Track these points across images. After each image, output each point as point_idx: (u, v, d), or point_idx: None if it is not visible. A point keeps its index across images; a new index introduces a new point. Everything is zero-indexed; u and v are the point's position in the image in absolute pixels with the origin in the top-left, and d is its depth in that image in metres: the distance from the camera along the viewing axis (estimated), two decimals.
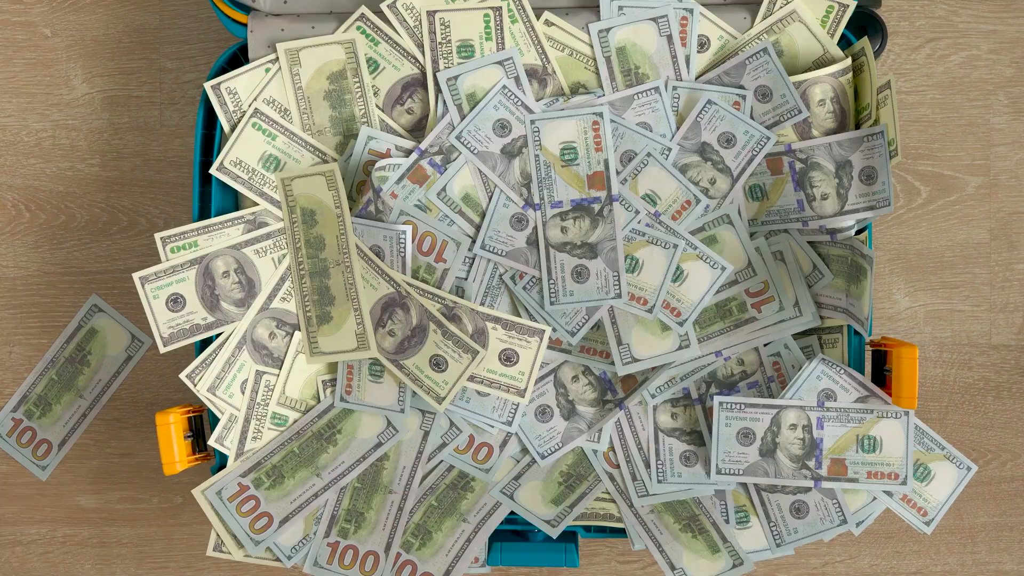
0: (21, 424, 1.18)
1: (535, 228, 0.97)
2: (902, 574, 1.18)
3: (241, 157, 0.97)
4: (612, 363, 0.98)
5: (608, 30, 0.98)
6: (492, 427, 0.98)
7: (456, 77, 0.97)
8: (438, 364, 0.94)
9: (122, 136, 1.18)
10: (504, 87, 0.97)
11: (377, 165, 0.95)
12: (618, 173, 0.97)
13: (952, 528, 1.17)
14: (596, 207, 0.96)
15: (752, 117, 0.97)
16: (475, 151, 0.97)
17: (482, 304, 0.98)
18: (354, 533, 0.97)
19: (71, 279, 1.18)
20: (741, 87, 0.97)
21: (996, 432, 1.17)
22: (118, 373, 1.18)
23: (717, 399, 0.94)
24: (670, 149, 0.97)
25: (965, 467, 0.96)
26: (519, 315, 0.98)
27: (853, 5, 0.97)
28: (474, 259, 0.98)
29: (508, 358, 0.96)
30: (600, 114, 0.96)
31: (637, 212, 0.96)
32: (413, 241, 0.96)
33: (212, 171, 0.97)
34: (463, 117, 0.97)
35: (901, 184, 1.16)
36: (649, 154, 0.96)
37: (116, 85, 1.18)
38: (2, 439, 1.18)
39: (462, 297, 0.96)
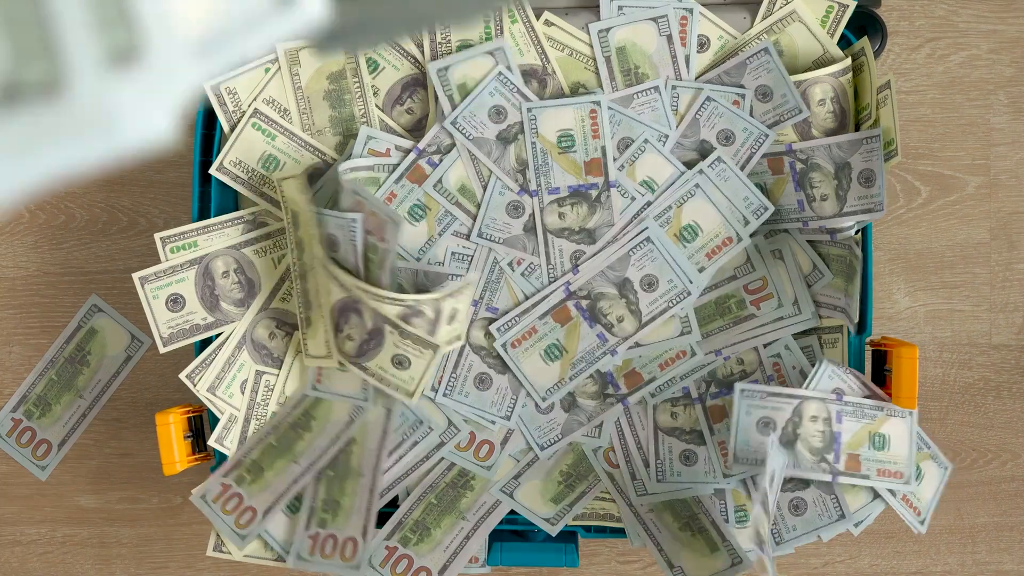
0: (21, 424, 1.18)
1: (531, 215, 0.97)
2: (902, 574, 1.18)
3: (241, 157, 0.97)
4: (622, 341, 0.97)
5: (608, 30, 0.98)
6: (493, 423, 0.98)
7: (447, 68, 0.97)
8: (400, 363, 0.94)
9: None
10: (500, 73, 0.96)
11: (344, 166, 0.95)
12: (615, 160, 0.97)
13: (952, 528, 1.17)
14: (593, 193, 0.96)
15: (752, 116, 0.97)
16: (470, 137, 0.97)
17: (481, 297, 0.98)
18: (332, 522, 0.97)
19: (71, 279, 1.18)
20: (741, 87, 0.97)
21: (996, 432, 1.17)
22: (118, 373, 1.18)
23: (739, 386, 0.93)
24: (667, 136, 0.97)
25: (944, 466, 0.97)
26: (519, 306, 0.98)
27: (853, 5, 0.97)
28: (474, 249, 0.98)
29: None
30: (598, 102, 0.96)
31: (634, 198, 0.96)
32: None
33: (212, 171, 0.97)
34: (454, 108, 0.97)
35: (901, 184, 1.16)
36: (646, 140, 0.96)
37: None
38: (2, 439, 1.18)
39: (423, 287, 0.96)
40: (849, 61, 0.96)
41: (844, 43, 0.99)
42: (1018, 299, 1.16)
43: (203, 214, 1.00)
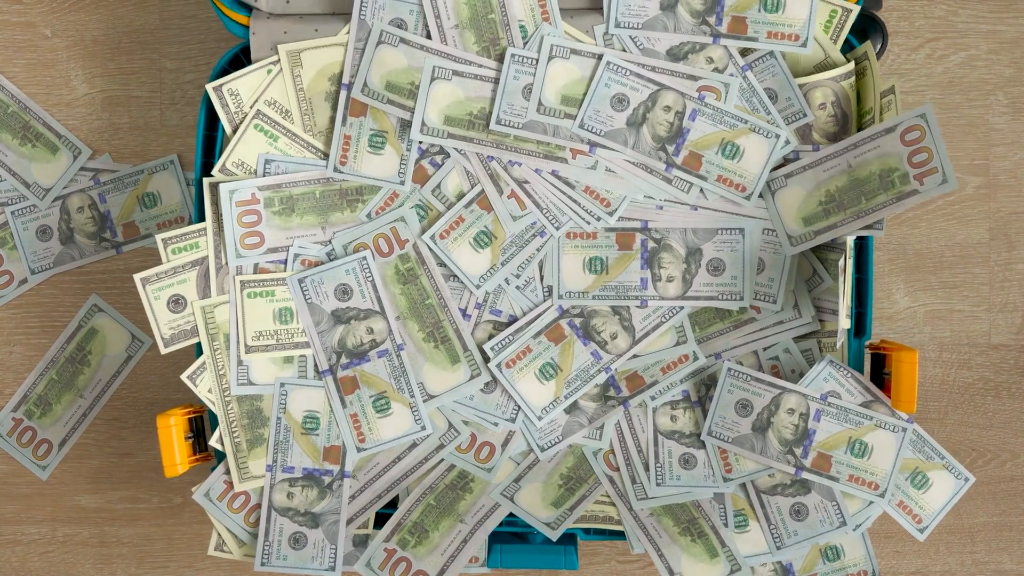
0: (21, 424, 1.18)
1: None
2: (902, 574, 1.18)
3: (243, 159, 0.97)
4: (616, 358, 0.98)
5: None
6: (496, 425, 0.98)
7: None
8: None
9: (122, 136, 1.18)
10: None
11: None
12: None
13: (951, 528, 1.17)
14: None
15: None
16: (460, 150, 0.97)
17: (484, 300, 0.98)
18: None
19: (71, 279, 1.18)
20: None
21: (995, 432, 1.17)
22: (118, 373, 1.18)
23: (727, 364, 0.95)
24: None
25: (963, 478, 0.97)
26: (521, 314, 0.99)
27: (857, 10, 0.97)
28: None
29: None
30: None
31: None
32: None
33: (214, 172, 0.97)
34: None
35: None
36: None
37: (116, 85, 1.18)
38: (2, 439, 1.18)
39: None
40: (851, 65, 0.96)
41: (846, 47, 0.99)
42: (1017, 299, 1.16)
43: (204, 215, 1.00)
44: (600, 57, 0.95)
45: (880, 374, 0.96)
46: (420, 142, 0.96)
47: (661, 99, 0.95)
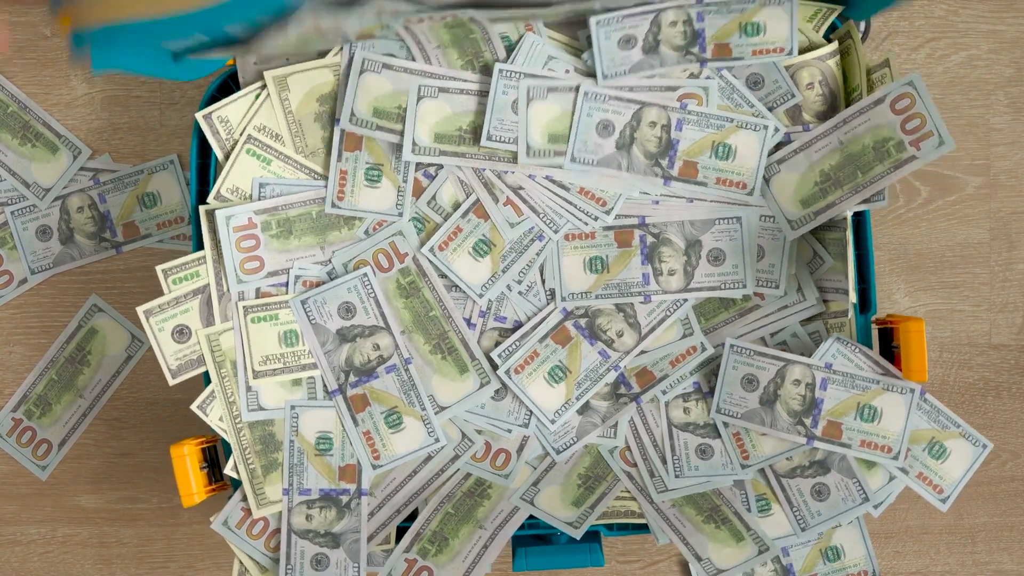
0: (21, 424, 1.18)
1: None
2: (902, 574, 1.18)
3: (237, 184, 0.97)
4: (624, 356, 0.98)
5: None
6: (509, 431, 0.98)
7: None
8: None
9: (122, 136, 1.18)
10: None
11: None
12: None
13: (952, 528, 1.17)
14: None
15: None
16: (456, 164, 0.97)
17: (488, 308, 0.98)
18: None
19: (71, 279, 1.18)
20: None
21: (996, 432, 1.17)
22: (118, 373, 1.18)
23: (729, 340, 0.95)
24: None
25: (981, 445, 0.96)
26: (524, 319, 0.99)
27: (839, 8, 0.97)
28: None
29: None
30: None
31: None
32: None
33: (209, 199, 0.97)
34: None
35: (901, 184, 1.16)
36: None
37: (116, 85, 1.18)
38: (2, 439, 1.18)
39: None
40: (835, 45, 0.96)
41: (829, 31, 0.99)
42: (1018, 299, 1.16)
43: (203, 243, 0.99)
44: (577, 88, 0.94)
45: (889, 348, 0.96)
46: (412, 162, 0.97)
47: (645, 116, 0.95)
